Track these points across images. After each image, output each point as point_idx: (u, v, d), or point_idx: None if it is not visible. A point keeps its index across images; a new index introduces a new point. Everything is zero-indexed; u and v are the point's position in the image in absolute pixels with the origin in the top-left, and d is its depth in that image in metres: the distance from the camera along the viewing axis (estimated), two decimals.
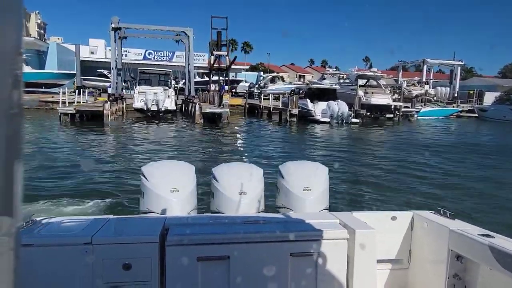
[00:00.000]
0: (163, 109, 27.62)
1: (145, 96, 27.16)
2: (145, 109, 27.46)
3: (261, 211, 3.47)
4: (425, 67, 53.21)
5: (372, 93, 32.86)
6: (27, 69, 40.22)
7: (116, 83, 29.89)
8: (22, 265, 1.48)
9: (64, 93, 25.61)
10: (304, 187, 3.48)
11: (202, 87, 45.23)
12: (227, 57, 42.23)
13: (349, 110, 29.02)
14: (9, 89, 0.49)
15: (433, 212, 2.95)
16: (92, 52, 63.62)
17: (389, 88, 37.21)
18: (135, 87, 29.12)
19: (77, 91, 31.67)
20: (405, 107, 35.40)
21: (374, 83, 36.42)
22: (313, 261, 2.38)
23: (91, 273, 2.17)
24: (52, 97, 34.56)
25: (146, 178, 3.36)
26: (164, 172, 3.49)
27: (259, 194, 3.50)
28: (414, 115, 36.03)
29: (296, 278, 2.35)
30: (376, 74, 35.77)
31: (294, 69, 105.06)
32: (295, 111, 28.21)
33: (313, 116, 29.46)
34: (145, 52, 60.22)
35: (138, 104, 27.68)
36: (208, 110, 24.77)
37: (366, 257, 2.44)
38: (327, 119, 28.56)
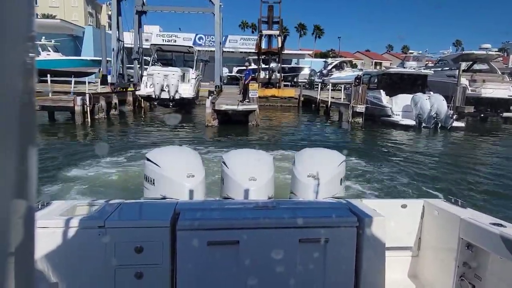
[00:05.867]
0: (177, 98, 20.22)
1: (152, 80, 20.01)
2: (153, 96, 20.32)
3: (271, 197, 3.43)
4: None
5: (484, 81, 21.89)
6: (56, 55, 35.81)
7: (122, 69, 23.05)
8: (37, 247, 1.68)
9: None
10: (308, 173, 3.41)
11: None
12: (279, 38, 33.80)
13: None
14: (20, 77, 0.48)
15: (444, 200, 2.93)
16: (146, 40, 59.28)
17: (507, 74, 25.61)
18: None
19: (104, 80, 25.82)
20: None
21: (484, 66, 25.23)
22: (322, 248, 2.31)
23: (104, 256, 2.17)
24: (75, 87, 29.09)
25: (157, 165, 3.31)
26: (176, 158, 3.49)
27: (269, 180, 3.44)
28: None
29: (305, 264, 2.30)
30: (490, 53, 24.38)
31: (369, 55, 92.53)
32: (360, 108, 18.81)
33: (390, 115, 19.63)
34: (195, 37, 53.91)
35: (144, 90, 20.58)
36: (224, 107, 16.59)
37: (376, 245, 2.38)
38: (412, 122, 18.55)
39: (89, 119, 16.96)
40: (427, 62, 41.17)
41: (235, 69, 49.16)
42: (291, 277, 2.26)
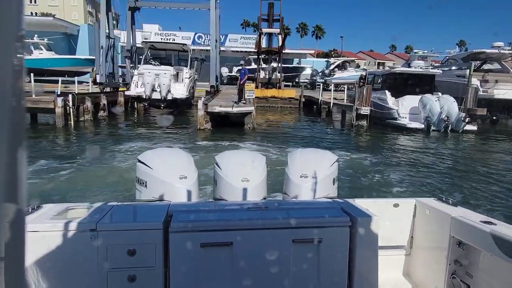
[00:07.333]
0: (169, 98, 19.08)
1: (143, 79, 18.87)
2: (144, 97, 19.17)
3: (264, 198, 3.45)
4: None
5: (496, 81, 20.57)
6: (48, 54, 34.68)
7: (113, 68, 21.83)
8: (28, 251, 1.60)
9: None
10: (301, 174, 3.44)
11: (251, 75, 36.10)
12: (279, 36, 32.52)
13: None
14: (9, 78, 0.47)
15: (436, 199, 2.94)
16: (145, 38, 58.16)
17: None
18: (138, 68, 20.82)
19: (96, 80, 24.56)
20: None
21: (493, 66, 23.89)
22: (315, 248, 2.31)
23: (96, 259, 2.14)
24: (67, 87, 27.81)
25: (149, 166, 3.29)
26: (168, 160, 3.46)
27: (262, 181, 3.44)
28: None
29: (298, 264, 2.31)
30: (502, 51, 23.05)
31: (372, 55, 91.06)
32: (365, 110, 17.52)
33: (396, 118, 18.35)
34: (194, 36, 52.66)
35: (134, 90, 19.42)
36: (217, 109, 15.33)
37: (369, 244, 2.38)
38: (421, 125, 17.25)
39: (72, 122, 15.73)
40: (432, 62, 39.83)
41: (235, 68, 47.89)
42: (285, 277, 2.26)
